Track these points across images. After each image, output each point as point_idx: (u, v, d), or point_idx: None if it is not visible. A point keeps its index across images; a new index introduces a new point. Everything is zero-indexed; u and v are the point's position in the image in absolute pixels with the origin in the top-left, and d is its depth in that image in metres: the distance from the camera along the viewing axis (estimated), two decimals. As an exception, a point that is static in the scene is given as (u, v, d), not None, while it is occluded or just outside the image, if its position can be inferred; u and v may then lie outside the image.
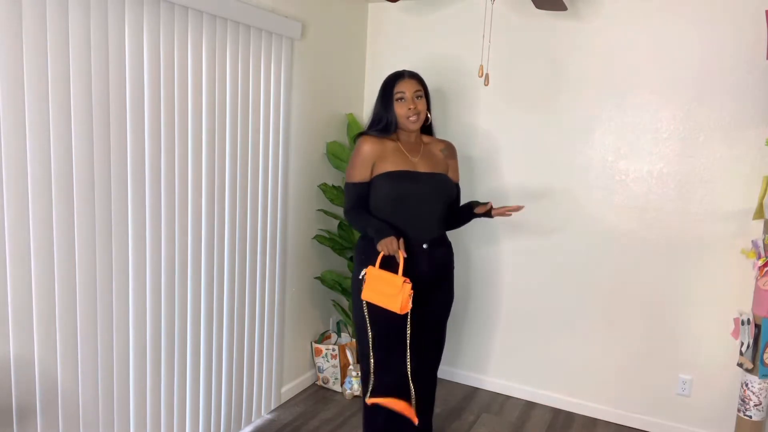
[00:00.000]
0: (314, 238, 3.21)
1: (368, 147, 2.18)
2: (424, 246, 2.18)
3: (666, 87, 2.80)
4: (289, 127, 2.89)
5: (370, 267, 2.06)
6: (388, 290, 1.98)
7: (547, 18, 3.02)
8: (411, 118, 2.18)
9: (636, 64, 2.85)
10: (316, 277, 3.30)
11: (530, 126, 3.13)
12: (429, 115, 2.28)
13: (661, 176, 2.85)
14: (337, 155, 3.22)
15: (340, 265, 3.50)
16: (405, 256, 2.01)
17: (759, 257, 2.42)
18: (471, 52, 3.21)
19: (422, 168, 2.22)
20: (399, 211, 2.16)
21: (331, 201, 3.24)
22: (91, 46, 1.86)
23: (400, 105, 2.19)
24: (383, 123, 2.22)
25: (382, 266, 2.05)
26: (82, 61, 1.84)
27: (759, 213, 2.46)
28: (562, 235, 3.11)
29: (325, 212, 3.23)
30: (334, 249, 3.27)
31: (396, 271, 2.00)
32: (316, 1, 2.99)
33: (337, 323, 3.46)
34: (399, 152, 2.21)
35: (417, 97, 2.20)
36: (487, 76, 2.30)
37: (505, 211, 2.27)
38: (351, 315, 3.37)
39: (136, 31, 2.01)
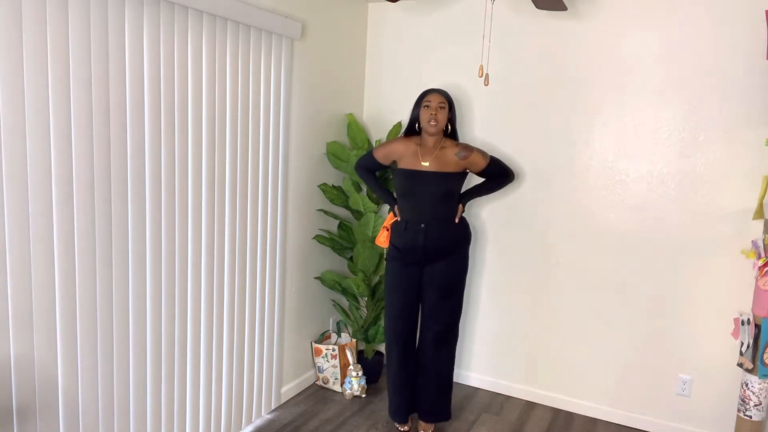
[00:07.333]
0: (314, 238, 3.21)
1: (396, 145, 2.74)
2: (422, 225, 2.68)
3: (666, 87, 2.80)
4: (289, 127, 2.89)
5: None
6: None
7: (547, 18, 3.02)
8: (431, 122, 2.59)
9: (636, 64, 2.85)
10: (316, 277, 3.30)
11: (530, 126, 3.13)
12: (449, 125, 2.71)
13: (661, 176, 2.86)
14: (337, 155, 3.22)
15: (340, 265, 3.50)
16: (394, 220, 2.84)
17: (759, 257, 2.42)
18: (471, 51, 3.22)
19: (431, 168, 2.64)
20: (406, 198, 2.71)
21: (331, 201, 3.24)
22: (91, 45, 1.86)
23: (425, 111, 2.62)
24: (411, 123, 2.73)
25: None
26: (82, 60, 1.84)
27: (759, 213, 2.46)
28: (562, 235, 3.12)
29: (325, 212, 3.23)
30: (334, 249, 3.27)
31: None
32: (316, 1, 2.99)
33: (337, 323, 3.46)
34: (415, 155, 2.67)
35: (440, 108, 2.61)
36: (487, 76, 2.32)
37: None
38: (349, 315, 3.37)
39: (136, 31, 2.01)
